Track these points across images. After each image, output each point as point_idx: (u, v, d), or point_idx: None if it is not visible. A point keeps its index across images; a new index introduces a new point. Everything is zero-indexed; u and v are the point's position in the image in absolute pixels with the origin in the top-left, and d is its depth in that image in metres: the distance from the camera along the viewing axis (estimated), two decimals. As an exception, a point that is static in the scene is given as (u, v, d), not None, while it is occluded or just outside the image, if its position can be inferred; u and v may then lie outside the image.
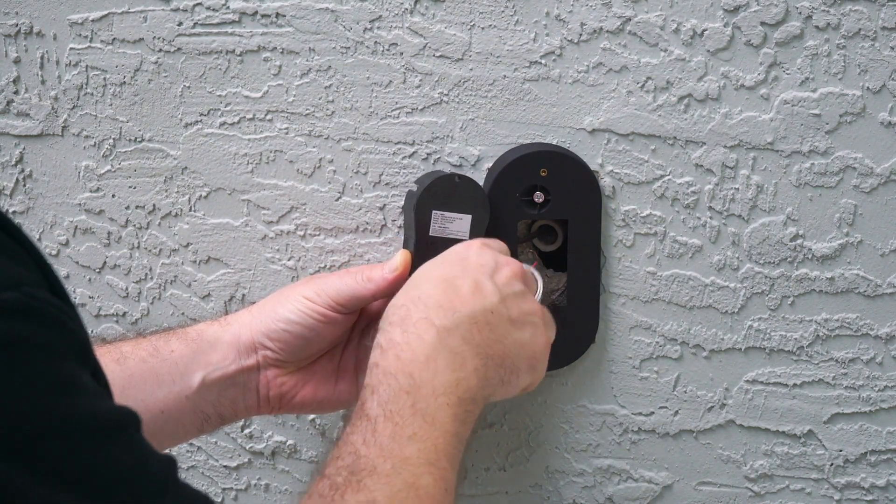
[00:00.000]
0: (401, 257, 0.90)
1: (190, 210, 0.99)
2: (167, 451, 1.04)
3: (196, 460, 1.04)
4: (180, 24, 0.95)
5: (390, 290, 0.88)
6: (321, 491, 0.69)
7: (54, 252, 1.01)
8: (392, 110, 0.96)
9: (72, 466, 0.50)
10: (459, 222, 0.91)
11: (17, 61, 0.97)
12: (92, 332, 1.03)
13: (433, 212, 0.90)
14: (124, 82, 0.97)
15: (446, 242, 0.90)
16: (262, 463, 1.04)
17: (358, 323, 0.93)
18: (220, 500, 1.05)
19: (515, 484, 1.03)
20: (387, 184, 0.97)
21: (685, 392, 1.01)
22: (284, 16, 0.95)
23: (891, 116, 0.94)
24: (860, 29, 0.92)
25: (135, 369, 0.85)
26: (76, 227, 1.00)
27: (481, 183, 0.96)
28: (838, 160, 0.95)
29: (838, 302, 0.98)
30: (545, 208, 0.94)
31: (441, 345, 0.77)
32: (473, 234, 0.91)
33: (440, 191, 0.90)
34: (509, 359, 0.82)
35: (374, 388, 0.75)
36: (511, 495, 1.03)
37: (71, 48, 0.96)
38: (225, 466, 1.04)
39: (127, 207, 0.99)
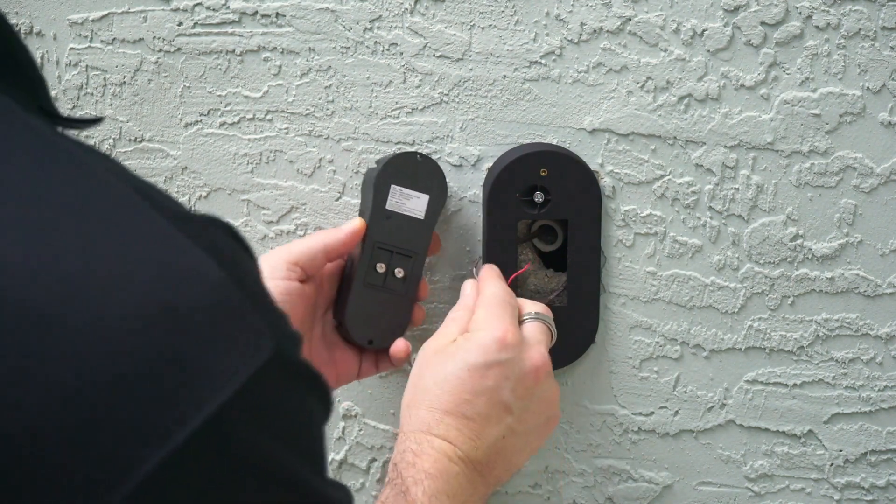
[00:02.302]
0: (356, 219, 0.91)
1: (190, 210, 0.99)
2: None
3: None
4: (180, 24, 0.95)
5: (342, 247, 0.90)
6: None
7: (54, 252, 1.01)
8: (392, 110, 0.96)
9: None
10: (417, 201, 0.91)
11: (17, 61, 0.97)
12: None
13: (392, 186, 0.91)
14: (124, 82, 0.97)
15: (401, 218, 0.91)
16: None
17: (317, 303, 0.93)
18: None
19: (515, 484, 1.03)
20: (387, 184, 0.97)
21: (685, 392, 1.01)
22: (284, 16, 0.95)
23: (891, 116, 0.94)
24: (860, 29, 0.92)
25: None
26: (76, 227, 1.00)
27: (481, 183, 0.96)
28: (838, 160, 0.95)
29: (838, 302, 0.98)
30: (545, 208, 0.94)
31: (463, 474, 0.83)
32: (429, 215, 0.92)
33: (401, 166, 0.91)
34: (518, 463, 0.88)
35: (417, 480, 0.80)
36: (511, 495, 1.03)
37: (71, 48, 0.96)
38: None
39: (127, 207, 0.99)
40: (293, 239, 0.98)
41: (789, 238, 0.97)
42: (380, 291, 0.91)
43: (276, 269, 0.88)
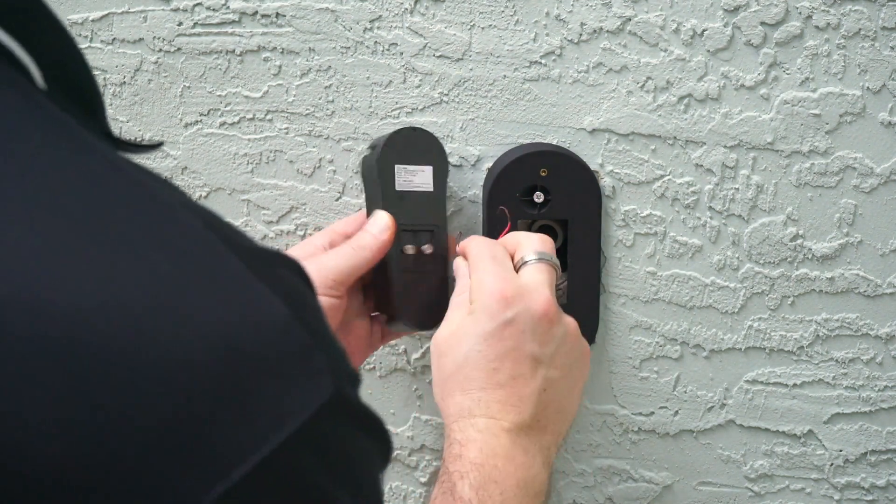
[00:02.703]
0: (384, 217, 0.89)
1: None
2: None
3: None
4: (180, 24, 0.95)
5: (382, 253, 0.89)
6: None
7: (54, 252, 1.01)
8: (392, 110, 0.96)
9: None
10: (423, 174, 0.91)
11: (17, 61, 0.97)
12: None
13: (396, 166, 0.90)
14: (124, 82, 0.96)
15: (414, 196, 0.91)
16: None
17: (346, 309, 0.93)
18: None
19: (515, 484, 1.03)
20: (387, 184, 0.97)
21: (685, 392, 1.01)
22: (284, 16, 0.95)
23: (891, 116, 0.94)
24: (860, 29, 0.92)
25: None
26: (76, 227, 1.00)
27: (481, 183, 0.96)
28: (838, 160, 0.95)
29: (838, 302, 0.98)
30: (545, 208, 0.94)
31: (514, 445, 0.81)
32: (437, 184, 0.91)
33: (398, 145, 0.90)
34: (570, 410, 0.86)
35: (463, 474, 0.78)
36: (511, 495, 1.03)
37: (71, 48, 0.96)
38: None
39: (127, 207, 0.99)
40: (296, 241, 0.98)
41: (789, 238, 0.97)
42: (416, 273, 0.91)
43: (320, 286, 0.86)
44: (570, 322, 0.86)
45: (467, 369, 0.82)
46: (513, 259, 0.87)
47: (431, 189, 0.91)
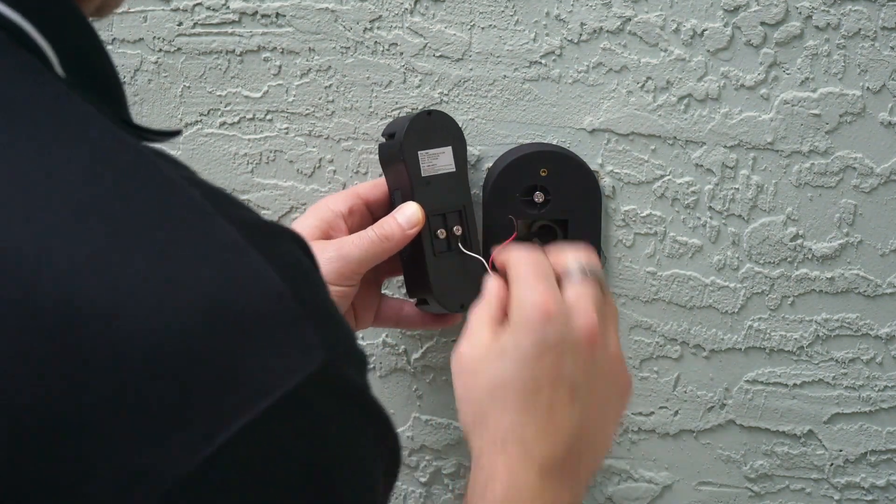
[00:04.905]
0: (415, 210, 0.88)
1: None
2: None
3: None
4: (180, 24, 0.95)
5: (405, 245, 0.88)
6: None
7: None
8: (392, 110, 0.96)
9: None
10: (444, 156, 0.91)
11: (17, 61, 0.97)
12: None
13: (419, 153, 0.90)
14: (124, 82, 0.96)
15: (439, 179, 0.91)
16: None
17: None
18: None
19: (515, 484, 1.02)
20: (387, 184, 0.97)
21: (685, 392, 1.01)
22: (284, 16, 0.95)
23: (891, 116, 0.94)
24: (860, 29, 0.92)
25: None
26: (76, 227, 1.00)
27: (481, 183, 0.96)
28: (838, 160, 0.95)
29: (838, 302, 0.98)
30: (545, 208, 0.94)
31: (544, 488, 0.74)
32: (459, 163, 0.91)
33: (419, 130, 0.90)
34: (603, 447, 0.79)
35: None
36: (511, 495, 1.03)
37: (71, 48, 0.96)
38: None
39: (127, 207, 0.99)
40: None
41: (789, 238, 0.97)
42: (450, 256, 0.91)
43: (340, 277, 0.86)
44: (614, 348, 0.78)
45: (502, 391, 0.75)
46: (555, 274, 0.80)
47: (454, 169, 0.91)
